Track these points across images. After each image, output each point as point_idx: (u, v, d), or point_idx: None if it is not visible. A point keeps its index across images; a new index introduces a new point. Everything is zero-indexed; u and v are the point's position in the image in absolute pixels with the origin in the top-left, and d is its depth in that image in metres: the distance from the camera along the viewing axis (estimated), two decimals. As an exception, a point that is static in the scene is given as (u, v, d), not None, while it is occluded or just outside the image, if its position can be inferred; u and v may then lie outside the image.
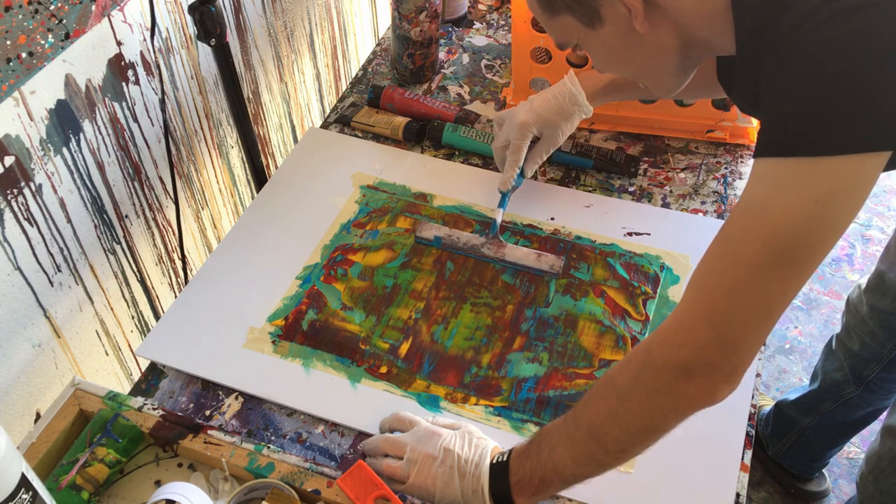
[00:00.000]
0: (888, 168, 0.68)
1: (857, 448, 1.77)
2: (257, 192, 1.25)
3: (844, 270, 2.14)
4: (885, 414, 1.38)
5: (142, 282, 1.18)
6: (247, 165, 1.32)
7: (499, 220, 1.10)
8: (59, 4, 0.84)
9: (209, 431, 0.88)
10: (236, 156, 1.38)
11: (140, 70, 1.09)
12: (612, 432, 0.76)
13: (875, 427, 1.79)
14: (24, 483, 0.70)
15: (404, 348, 1.00)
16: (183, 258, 1.24)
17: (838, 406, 1.49)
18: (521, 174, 1.12)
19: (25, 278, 0.96)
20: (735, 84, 0.84)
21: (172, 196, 1.20)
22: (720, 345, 0.69)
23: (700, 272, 0.71)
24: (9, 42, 0.80)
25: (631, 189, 1.20)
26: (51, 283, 1.00)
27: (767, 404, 1.72)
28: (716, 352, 0.70)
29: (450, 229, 1.11)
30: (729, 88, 0.90)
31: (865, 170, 0.64)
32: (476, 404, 0.95)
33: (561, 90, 1.09)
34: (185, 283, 1.27)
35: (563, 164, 1.24)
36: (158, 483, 0.88)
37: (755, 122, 1.23)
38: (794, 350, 1.95)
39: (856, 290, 1.40)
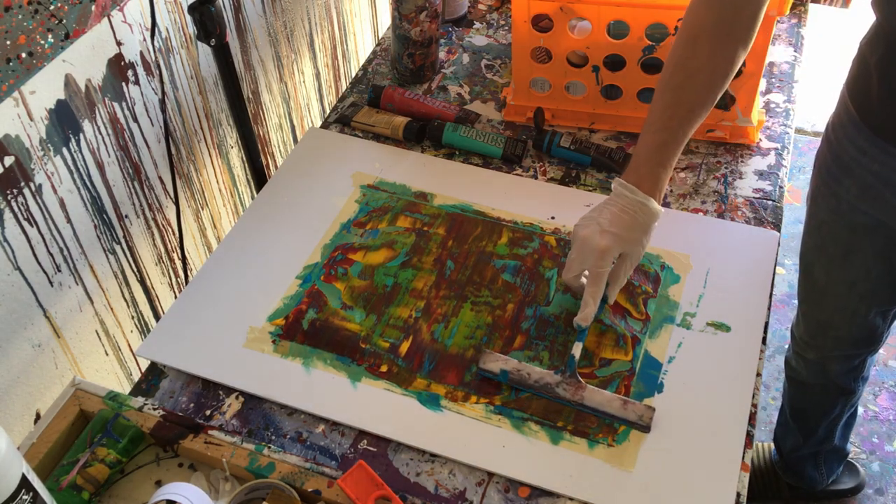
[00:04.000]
0: None
1: (857, 448, 1.77)
2: (257, 191, 1.25)
3: (844, 270, 2.14)
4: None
5: (142, 282, 1.18)
6: (247, 165, 1.32)
7: (577, 356, 0.96)
8: (59, 4, 0.84)
9: (210, 431, 0.88)
10: (236, 156, 1.38)
11: (140, 70, 1.09)
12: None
13: (866, 429, 1.79)
14: (24, 484, 0.70)
15: (405, 347, 1.00)
16: (183, 258, 1.24)
17: (798, 392, 1.51)
18: (605, 300, 1.00)
19: (25, 278, 0.96)
20: None
21: (172, 196, 1.20)
22: None
23: None
24: (9, 42, 0.80)
25: (631, 188, 1.20)
26: (51, 283, 1.00)
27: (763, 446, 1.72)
28: None
29: (518, 363, 0.97)
30: None
31: None
32: (476, 402, 0.95)
33: (625, 203, 0.96)
34: (185, 283, 1.27)
35: (563, 160, 1.24)
36: (159, 483, 0.88)
37: (755, 122, 1.23)
38: (794, 349, 1.95)
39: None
